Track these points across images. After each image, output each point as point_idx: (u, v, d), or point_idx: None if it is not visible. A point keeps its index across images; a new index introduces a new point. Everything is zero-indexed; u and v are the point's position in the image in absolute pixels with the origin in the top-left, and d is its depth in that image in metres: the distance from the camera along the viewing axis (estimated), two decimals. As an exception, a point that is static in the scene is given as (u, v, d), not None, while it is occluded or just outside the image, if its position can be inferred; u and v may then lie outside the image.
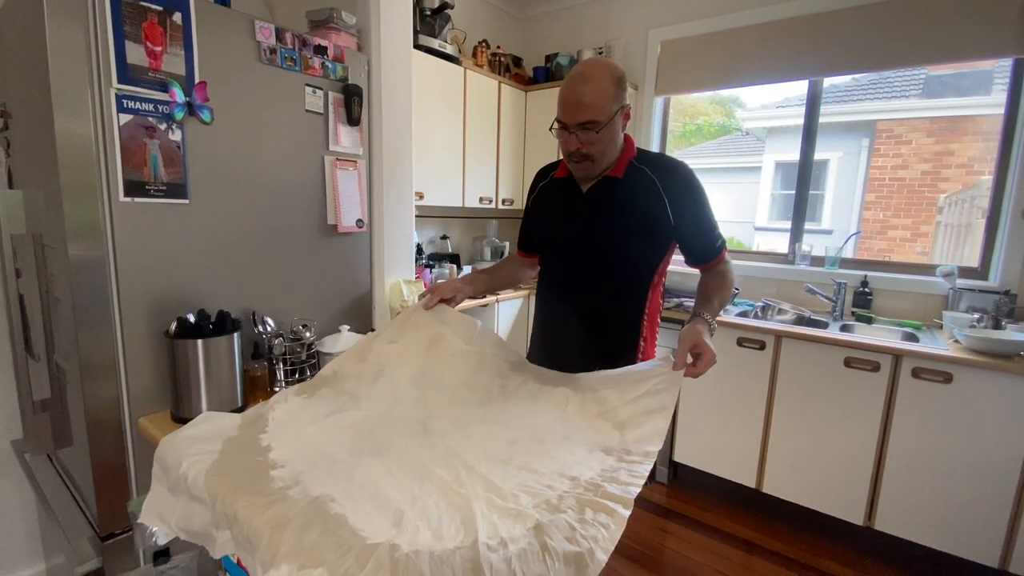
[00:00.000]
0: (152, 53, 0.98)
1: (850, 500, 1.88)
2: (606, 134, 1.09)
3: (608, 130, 1.09)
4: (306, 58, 1.24)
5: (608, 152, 1.13)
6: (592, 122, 1.07)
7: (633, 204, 1.16)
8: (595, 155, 1.12)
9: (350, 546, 0.61)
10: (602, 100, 1.06)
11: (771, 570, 1.83)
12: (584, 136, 1.09)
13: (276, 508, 0.68)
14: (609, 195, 1.18)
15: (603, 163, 1.15)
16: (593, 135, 1.08)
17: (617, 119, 1.10)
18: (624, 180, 1.17)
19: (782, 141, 5.34)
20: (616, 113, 1.09)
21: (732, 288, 1.22)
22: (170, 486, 0.80)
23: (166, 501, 0.80)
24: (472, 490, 0.74)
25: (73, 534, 1.07)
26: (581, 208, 1.21)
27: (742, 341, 2.04)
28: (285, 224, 1.25)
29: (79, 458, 1.07)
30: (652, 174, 1.16)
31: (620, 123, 1.12)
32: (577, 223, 1.21)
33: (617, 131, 1.12)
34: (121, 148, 0.96)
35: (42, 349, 1.14)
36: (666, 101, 2.88)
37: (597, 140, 1.09)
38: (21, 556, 1.61)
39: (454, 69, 2.45)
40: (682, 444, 2.26)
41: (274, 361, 1.12)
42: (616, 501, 0.72)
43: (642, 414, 0.94)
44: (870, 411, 1.81)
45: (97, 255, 0.95)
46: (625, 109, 1.12)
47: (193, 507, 0.76)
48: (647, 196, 1.15)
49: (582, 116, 1.07)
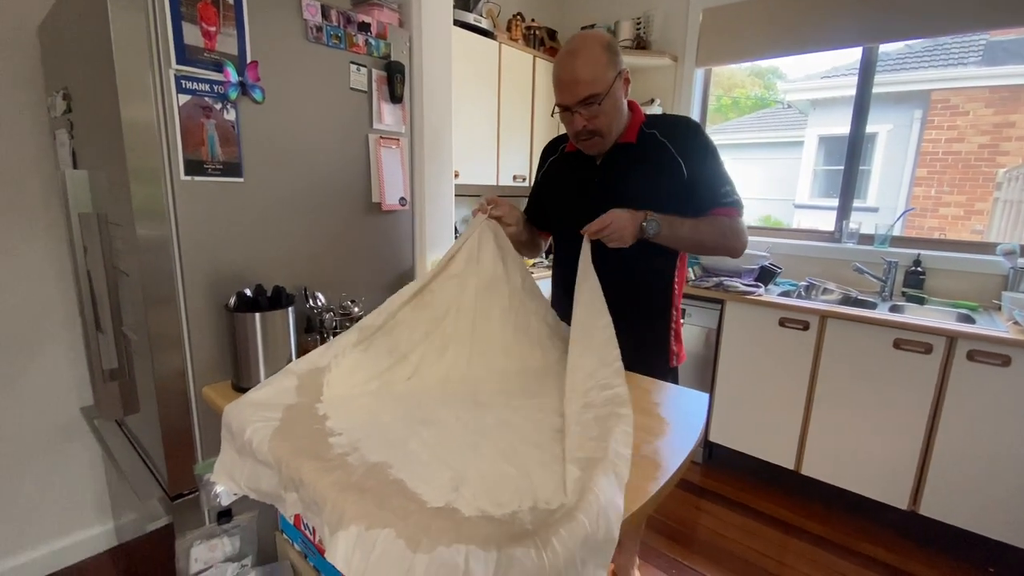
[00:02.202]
0: (207, 33, 1.00)
1: (894, 484, 1.84)
2: (608, 105, 1.05)
3: (610, 100, 1.05)
4: (350, 35, 1.24)
5: (615, 123, 1.10)
6: (592, 96, 1.04)
7: (649, 170, 1.12)
8: (602, 129, 1.08)
9: (411, 510, 0.63)
10: (597, 70, 1.03)
11: (808, 551, 1.82)
12: (587, 112, 1.05)
13: (337, 473, 0.71)
14: (624, 163, 1.14)
15: (612, 135, 1.12)
16: (596, 108, 1.05)
17: (617, 86, 1.06)
18: (637, 145, 1.13)
19: (827, 114, 5.08)
20: (614, 80, 1.05)
21: (721, 239, 1.12)
22: (237, 449, 0.85)
23: (235, 463, 0.84)
24: (525, 458, 0.75)
25: (144, 494, 1.15)
26: (596, 181, 1.17)
27: (784, 321, 2.00)
28: (332, 202, 1.27)
29: (148, 424, 1.14)
30: (663, 136, 1.12)
31: (621, 90, 1.08)
32: (593, 197, 1.16)
33: (619, 99, 1.08)
34: (181, 128, 0.99)
35: (108, 321, 1.20)
36: (707, 73, 2.78)
37: (601, 113, 1.06)
38: (91, 514, 1.74)
39: (488, 44, 2.42)
40: (718, 424, 2.25)
41: (325, 335, 1.16)
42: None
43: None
44: (920, 394, 1.76)
45: (162, 234, 0.99)
46: (623, 75, 1.08)
47: (260, 469, 0.81)
48: (661, 159, 1.11)
49: (581, 92, 1.04)
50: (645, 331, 1.20)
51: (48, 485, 1.63)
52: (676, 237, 1.09)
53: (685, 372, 2.29)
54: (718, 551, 1.81)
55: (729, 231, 1.13)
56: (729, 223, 1.12)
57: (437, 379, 1.01)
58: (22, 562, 1.60)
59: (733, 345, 2.15)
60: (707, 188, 1.11)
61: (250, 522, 1.15)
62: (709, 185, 1.11)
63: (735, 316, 2.12)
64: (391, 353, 1.01)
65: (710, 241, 1.12)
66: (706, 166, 1.11)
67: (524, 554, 0.54)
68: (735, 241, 1.14)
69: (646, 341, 1.20)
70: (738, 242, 1.14)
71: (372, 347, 1.01)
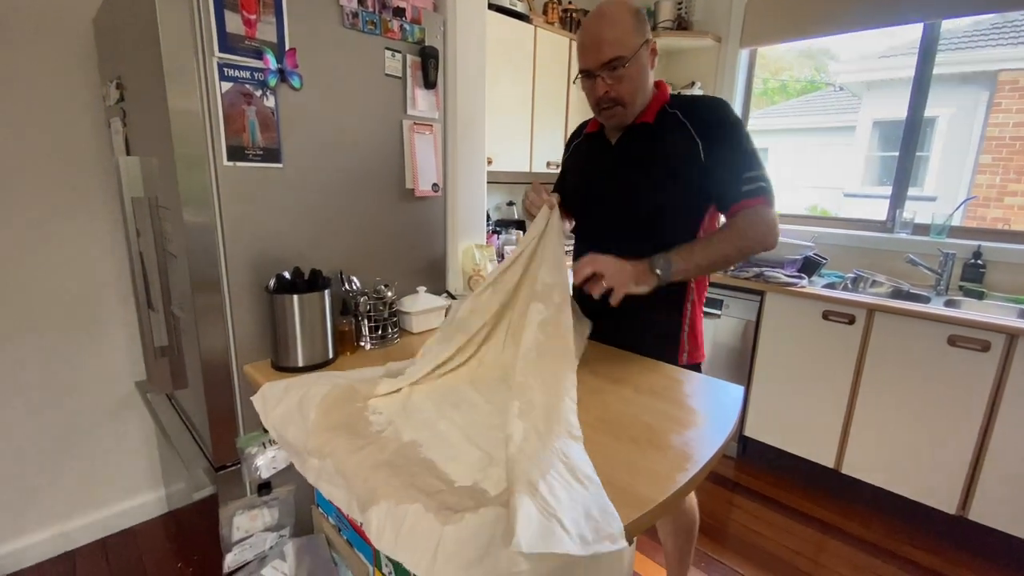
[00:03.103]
0: (247, 21, 1.03)
1: (943, 487, 1.75)
2: (633, 70, 1.01)
3: (635, 66, 1.00)
4: (385, 21, 1.25)
5: (639, 93, 1.04)
6: (617, 59, 0.99)
7: (665, 152, 1.05)
8: (624, 97, 1.03)
9: (440, 487, 0.65)
10: (623, 33, 0.98)
11: (846, 552, 1.76)
12: (611, 77, 1.01)
13: (370, 449, 0.74)
14: (639, 145, 1.09)
15: (634, 107, 1.06)
16: (621, 72, 1.00)
17: (643, 54, 1.01)
18: (654, 126, 1.07)
19: (883, 97, 4.78)
20: (640, 47, 1.00)
21: (742, 241, 0.98)
22: (287, 386, 0.90)
23: (279, 397, 0.89)
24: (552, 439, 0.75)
25: (191, 464, 1.22)
26: (608, 164, 1.13)
27: (828, 314, 1.91)
28: (367, 188, 1.29)
29: (195, 398, 1.20)
30: (684, 117, 1.05)
31: (647, 60, 1.03)
32: (605, 180, 1.13)
33: (644, 68, 1.03)
34: (223, 115, 1.02)
35: (159, 301, 1.27)
36: (751, 54, 2.67)
37: (625, 78, 1.01)
38: (145, 482, 1.85)
39: (523, 27, 2.39)
40: (754, 418, 2.19)
41: (359, 318, 1.19)
42: None
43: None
44: (975, 393, 1.66)
45: (207, 218, 1.03)
46: (650, 44, 1.02)
47: (295, 417, 0.84)
48: (678, 141, 1.04)
49: (605, 54, 0.99)
50: (653, 322, 1.14)
51: (107, 453, 1.75)
52: (695, 266, 0.98)
53: (718, 364, 2.24)
54: (749, 547, 1.77)
55: (750, 226, 0.98)
56: (752, 216, 0.98)
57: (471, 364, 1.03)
58: (86, 523, 1.73)
59: (772, 338, 2.08)
60: (729, 172, 1.00)
61: (288, 495, 1.20)
62: (731, 168, 1.00)
63: (775, 308, 2.05)
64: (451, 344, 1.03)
65: (734, 251, 0.99)
66: (726, 147, 1.01)
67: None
68: (760, 235, 0.98)
69: (653, 332, 1.15)
70: (764, 235, 0.99)
71: (444, 339, 1.04)
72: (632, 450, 0.76)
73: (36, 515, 1.64)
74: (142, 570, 1.63)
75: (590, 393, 0.95)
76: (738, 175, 1.00)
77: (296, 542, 1.18)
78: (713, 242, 1.00)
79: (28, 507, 1.62)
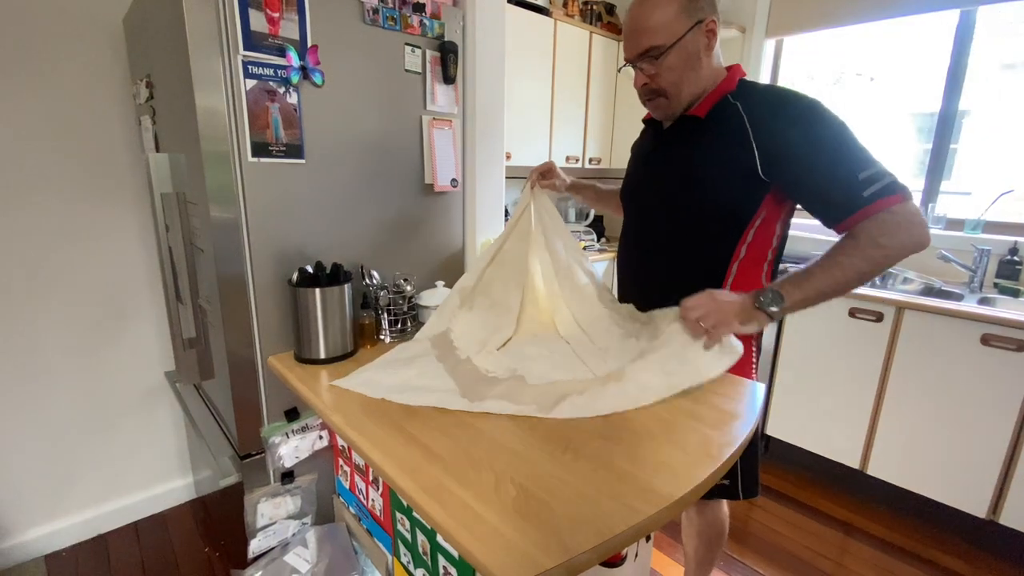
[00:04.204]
0: (271, 19, 1.05)
1: (973, 490, 1.70)
2: (674, 59, 0.91)
3: (676, 55, 0.91)
4: (405, 17, 1.25)
5: (685, 83, 0.94)
6: (653, 48, 0.91)
7: (709, 150, 0.93)
8: (667, 88, 0.94)
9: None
10: (662, 19, 0.89)
11: (870, 554, 1.73)
12: (648, 67, 0.93)
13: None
14: (682, 139, 0.99)
15: (681, 98, 0.96)
16: (660, 63, 0.91)
17: (691, 39, 0.90)
18: (705, 120, 0.95)
19: (916, 88, 4.61)
20: (685, 34, 0.89)
21: (876, 251, 0.81)
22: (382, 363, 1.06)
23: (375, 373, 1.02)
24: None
25: (217, 453, 1.25)
26: (651, 154, 1.06)
27: (855, 312, 1.87)
28: (387, 183, 1.30)
29: (221, 389, 1.23)
30: (744, 110, 0.91)
31: (698, 44, 0.92)
32: (643, 172, 1.07)
33: (691, 55, 0.92)
34: (248, 112, 1.04)
35: (187, 294, 1.30)
36: (778, 44, 2.60)
37: (664, 68, 0.92)
38: (174, 469, 1.92)
39: (543, 21, 2.38)
40: (776, 417, 2.15)
41: (379, 312, 1.20)
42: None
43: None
44: (1009, 394, 1.60)
45: (233, 213, 1.06)
46: (706, 24, 0.90)
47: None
48: (728, 138, 0.91)
49: (641, 43, 0.92)
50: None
51: (139, 440, 1.81)
52: (817, 292, 0.85)
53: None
54: (771, 547, 1.75)
55: (884, 233, 0.81)
56: (887, 220, 0.81)
57: (527, 324, 1.20)
58: (118, 507, 1.80)
59: (796, 336, 2.04)
60: (828, 180, 0.83)
61: (310, 484, 1.23)
62: (830, 175, 0.83)
63: (799, 305, 2.00)
64: (493, 307, 1.19)
65: (868, 266, 0.83)
66: (812, 150, 0.84)
67: None
68: (904, 238, 0.81)
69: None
70: (910, 235, 0.81)
71: (475, 306, 1.19)
72: (651, 446, 0.75)
73: (71, 499, 1.72)
74: (171, 553, 1.69)
75: (608, 389, 0.94)
76: (847, 180, 0.82)
77: (318, 530, 1.21)
78: (837, 260, 0.84)
79: (64, 492, 1.70)
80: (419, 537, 0.91)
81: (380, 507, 1.05)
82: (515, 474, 0.68)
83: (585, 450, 0.74)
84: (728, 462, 0.73)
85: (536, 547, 0.55)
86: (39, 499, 1.66)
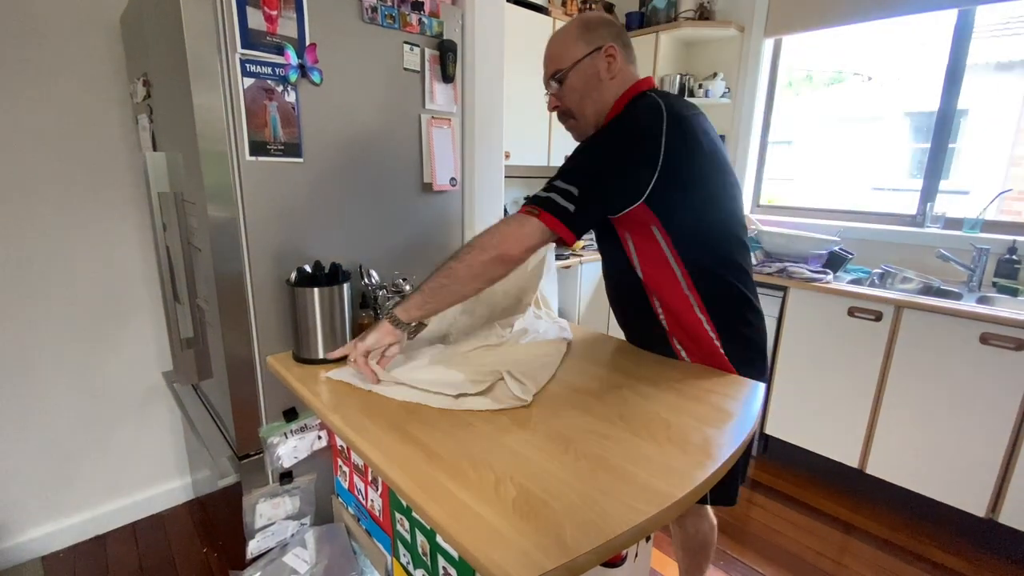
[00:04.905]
0: (269, 17, 1.04)
1: (972, 489, 1.70)
2: (573, 81, 1.02)
3: (575, 77, 1.01)
4: (404, 15, 1.25)
5: (587, 102, 1.02)
6: (556, 71, 1.03)
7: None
8: (572, 108, 1.05)
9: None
10: (562, 46, 1.02)
11: (870, 553, 1.73)
12: (554, 90, 1.05)
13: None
14: None
15: (586, 118, 1.04)
16: (560, 87, 1.03)
17: (587, 64, 0.99)
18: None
19: (914, 87, 4.62)
20: (583, 58, 0.99)
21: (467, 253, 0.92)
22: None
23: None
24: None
25: (216, 453, 1.25)
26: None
27: (854, 311, 1.87)
28: (386, 182, 1.30)
29: (219, 389, 1.23)
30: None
31: (595, 68, 0.99)
32: None
33: (588, 78, 1.00)
34: (246, 110, 1.03)
35: (185, 293, 1.30)
36: (776, 44, 2.60)
37: (566, 90, 1.03)
38: (172, 469, 1.91)
39: (542, 20, 2.37)
40: (775, 417, 2.15)
41: (378, 311, 1.20)
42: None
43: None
44: (1007, 393, 1.60)
45: (231, 212, 1.05)
46: (604, 50, 0.98)
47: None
48: None
49: (547, 69, 1.05)
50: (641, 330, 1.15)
51: (136, 441, 1.80)
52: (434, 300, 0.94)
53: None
54: (771, 547, 1.75)
55: (488, 232, 0.93)
56: (496, 227, 0.93)
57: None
58: (116, 507, 1.80)
59: (795, 335, 2.04)
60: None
61: (309, 484, 1.23)
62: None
63: (799, 304, 2.00)
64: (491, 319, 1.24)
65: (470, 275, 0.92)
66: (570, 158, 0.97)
67: None
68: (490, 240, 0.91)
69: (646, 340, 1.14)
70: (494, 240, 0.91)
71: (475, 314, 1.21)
72: (650, 446, 0.75)
73: (70, 499, 1.71)
74: (169, 554, 1.68)
75: (609, 388, 0.94)
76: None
77: (316, 531, 1.20)
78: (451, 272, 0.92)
79: (61, 492, 1.69)
80: (419, 538, 0.91)
81: (379, 507, 1.05)
82: (515, 474, 0.68)
83: (585, 450, 0.74)
84: (728, 462, 0.73)
85: (537, 547, 0.54)
86: (36, 500, 1.65)
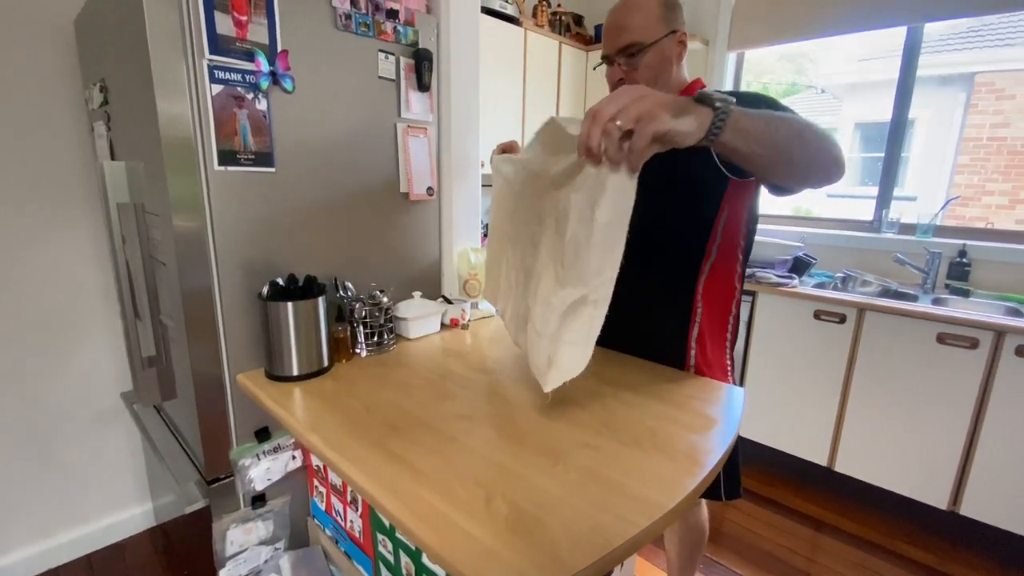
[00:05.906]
0: (238, 22, 1.01)
1: (934, 483, 1.78)
2: (652, 59, 0.95)
3: (655, 55, 0.95)
4: (379, 23, 1.23)
5: (658, 84, 0.96)
6: (633, 44, 0.94)
7: (672, 157, 0.77)
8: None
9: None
10: (645, 19, 0.94)
11: (841, 549, 1.78)
12: (627, 63, 0.96)
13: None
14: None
15: None
16: (638, 60, 0.95)
17: (666, 45, 0.95)
18: None
19: (864, 99, 4.88)
20: (664, 37, 0.94)
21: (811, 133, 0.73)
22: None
23: None
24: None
25: (181, 478, 1.18)
26: None
27: (819, 314, 1.94)
28: (361, 192, 1.27)
29: (185, 409, 1.16)
30: None
31: (672, 51, 0.97)
32: None
33: (667, 59, 0.96)
34: (214, 118, 0.99)
35: (146, 310, 1.23)
36: (739, 57, 2.69)
37: (642, 67, 0.95)
38: (131, 495, 1.80)
39: (514, 30, 2.39)
40: (746, 418, 2.20)
41: (355, 324, 1.16)
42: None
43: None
44: (964, 390, 1.69)
45: (198, 223, 1.01)
46: (678, 35, 0.96)
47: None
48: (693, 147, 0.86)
49: (622, 39, 0.95)
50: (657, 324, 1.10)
51: (92, 466, 1.69)
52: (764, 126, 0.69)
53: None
54: (746, 547, 1.78)
55: (810, 131, 0.73)
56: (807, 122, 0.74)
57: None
58: (70, 538, 1.68)
59: (764, 338, 2.09)
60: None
61: (283, 507, 1.18)
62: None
63: (767, 308, 2.06)
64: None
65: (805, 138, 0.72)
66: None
67: None
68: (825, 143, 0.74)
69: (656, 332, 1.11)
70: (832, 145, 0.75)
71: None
72: (638, 455, 0.75)
73: (18, 531, 1.59)
74: (130, 587, 1.59)
75: (592, 397, 0.94)
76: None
77: (292, 555, 1.15)
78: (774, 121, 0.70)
79: (10, 523, 1.57)
80: (403, 559, 0.88)
81: (359, 528, 1.01)
82: (506, 490, 0.66)
83: (574, 461, 0.73)
84: (716, 468, 0.74)
85: (532, 566, 0.53)
86: (-21, 535, 1.53)
